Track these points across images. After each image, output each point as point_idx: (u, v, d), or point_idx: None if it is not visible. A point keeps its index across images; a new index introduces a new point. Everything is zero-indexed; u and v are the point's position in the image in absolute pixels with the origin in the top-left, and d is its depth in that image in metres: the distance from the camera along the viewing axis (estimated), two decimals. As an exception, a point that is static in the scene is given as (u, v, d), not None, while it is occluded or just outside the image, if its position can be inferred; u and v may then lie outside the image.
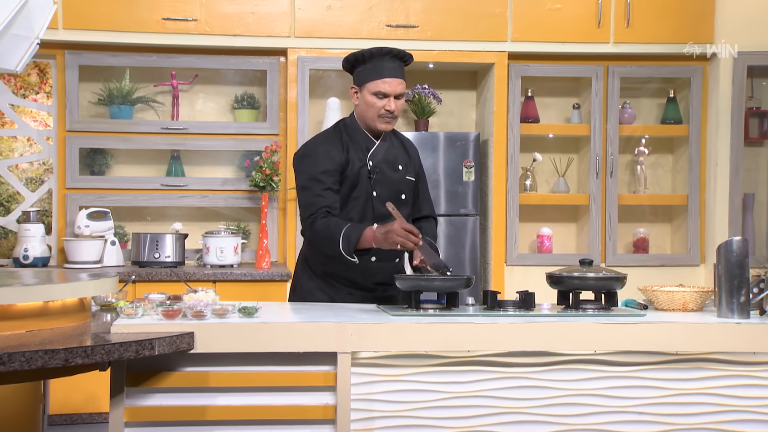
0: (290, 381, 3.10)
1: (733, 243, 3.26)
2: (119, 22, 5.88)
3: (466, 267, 6.21)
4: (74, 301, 3.11)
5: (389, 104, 3.74)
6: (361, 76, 3.80)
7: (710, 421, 3.19)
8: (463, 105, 6.69)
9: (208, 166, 6.38)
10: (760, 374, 3.20)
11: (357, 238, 3.56)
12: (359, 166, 3.79)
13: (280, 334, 3.05)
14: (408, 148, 4.02)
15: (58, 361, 2.63)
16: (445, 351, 3.14)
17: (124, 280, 4.76)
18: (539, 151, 6.48)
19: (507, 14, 6.14)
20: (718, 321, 3.22)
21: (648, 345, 3.17)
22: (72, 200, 6.05)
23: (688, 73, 6.43)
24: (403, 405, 3.14)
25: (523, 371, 3.19)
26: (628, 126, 6.50)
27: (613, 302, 3.41)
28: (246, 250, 6.27)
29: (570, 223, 6.67)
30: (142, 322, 3.03)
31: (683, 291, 3.45)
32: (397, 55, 3.78)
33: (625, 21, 6.20)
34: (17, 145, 6.61)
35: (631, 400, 3.20)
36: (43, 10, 3.23)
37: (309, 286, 3.88)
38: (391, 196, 3.81)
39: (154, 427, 3.05)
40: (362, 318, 3.19)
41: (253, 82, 6.41)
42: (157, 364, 3.04)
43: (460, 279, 3.38)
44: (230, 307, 3.17)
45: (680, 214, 6.60)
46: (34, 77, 6.63)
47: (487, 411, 3.17)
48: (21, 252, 5.85)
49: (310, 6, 6.03)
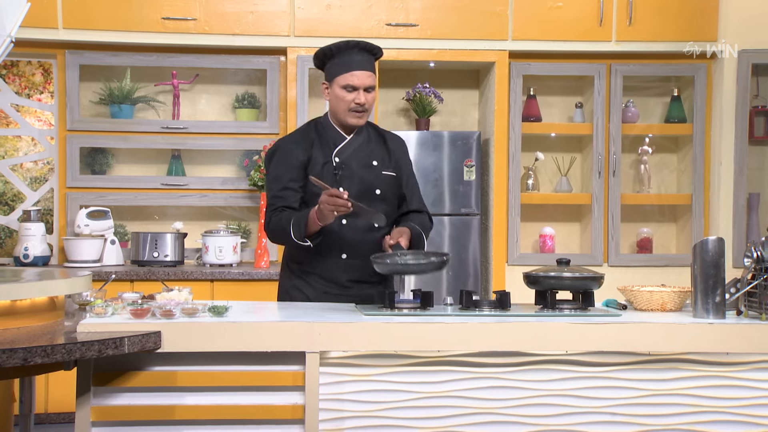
0: (259, 381, 3.08)
1: (708, 243, 3.21)
2: (119, 22, 5.90)
3: (469, 266, 6.18)
4: (44, 299, 3.11)
5: (359, 97, 3.72)
6: (331, 71, 3.78)
7: (683, 421, 3.15)
8: (465, 104, 6.66)
9: (209, 166, 6.40)
10: (734, 374, 3.15)
11: (304, 222, 3.58)
12: (323, 162, 3.77)
13: (247, 333, 3.04)
14: (389, 143, 3.95)
15: (16, 360, 2.63)
16: (415, 351, 3.12)
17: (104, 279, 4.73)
18: (542, 150, 6.43)
19: (508, 13, 6.11)
20: (693, 321, 3.17)
21: (621, 345, 3.13)
22: (73, 199, 6.08)
23: (692, 72, 6.36)
24: (373, 405, 3.12)
25: (495, 371, 3.16)
26: (632, 125, 6.44)
27: (590, 302, 3.37)
28: (246, 250, 6.28)
29: (573, 222, 6.62)
30: (111, 321, 3.03)
31: (661, 291, 3.41)
32: (365, 48, 3.77)
33: (627, 19, 6.15)
34: (21, 145, 6.64)
35: (604, 401, 3.16)
36: (15, 9, 3.23)
37: (287, 285, 3.88)
38: (361, 191, 3.75)
39: (121, 427, 3.05)
40: (333, 318, 3.17)
41: (253, 81, 6.42)
42: (125, 363, 3.04)
43: (433, 261, 3.36)
44: (201, 307, 3.16)
45: (685, 214, 6.54)
46: (38, 77, 6.66)
47: (458, 411, 3.14)
48: (21, 251, 5.88)
49: (310, 5, 6.03)
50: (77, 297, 3.53)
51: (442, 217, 6.17)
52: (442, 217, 6.17)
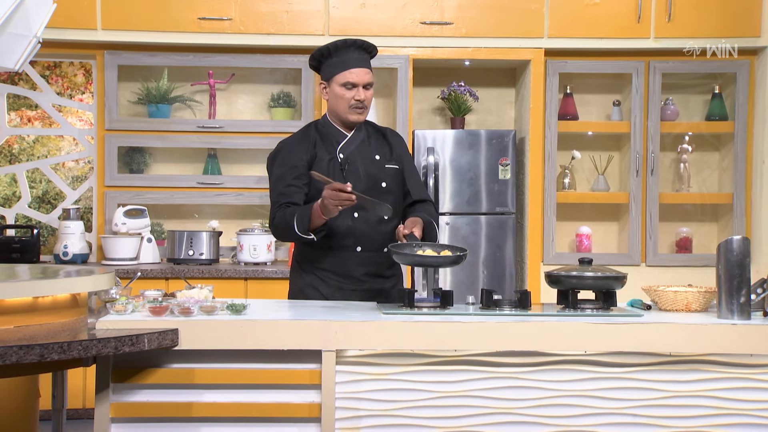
0: (276, 378, 3.10)
1: (733, 242, 3.16)
2: (156, 22, 5.95)
3: (505, 266, 6.15)
4: (66, 296, 3.15)
5: (359, 94, 3.77)
6: (328, 71, 3.83)
7: (705, 424, 3.10)
8: (502, 102, 6.62)
9: (244, 165, 6.43)
10: (757, 377, 3.10)
11: (308, 215, 3.60)
12: (329, 159, 3.81)
13: (264, 331, 3.05)
14: (388, 137, 4.00)
15: (33, 356, 2.67)
16: (432, 350, 3.11)
17: (129, 277, 4.78)
18: (579, 149, 6.38)
19: (543, 10, 6.06)
20: (716, 322, 3.12)
21: (641, 346, 3.09)
22: (111, 198, 6.15)
23: (733, 68, 6.26)
24: (390, 404, 3.12)
25: (513, 371, 3.14)
26: (671, 123, 6.35)
27: (612, 302, 3.34)
28: (281, 248, 6.31)
29: (611, 222, 6.55)
30: (130, 318, 3.06)
31: (686, 291, 3.36)
32: (361, 46, 3.82)
33: (666, 15, 6.06)
34: (64, 144, 6.75)
35: (624, 402, 3.12)
36: (41, 10, 3.28)
37: (300, 283, 3.89)
38: (368, 185, 3.79)
39: (140, 423, 3.08)
40: (350, 316, 3.17)
41: (288, 80, 6.44)
42: (143, 360, 3.07)
43: (448, 256, 3.36)
44: (219, 305, 3.18)
45: (726, 213, 6.44)
46: (80, 77, 6.76)
47: (475, 411, 3.13)
48: (61, 249, 5.97)
49: (344, 4, 6.03)
50: (103, 294, 3.57)
51: (478, 216, 6.14)
52: (479, 216, 6.14)
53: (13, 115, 6.76)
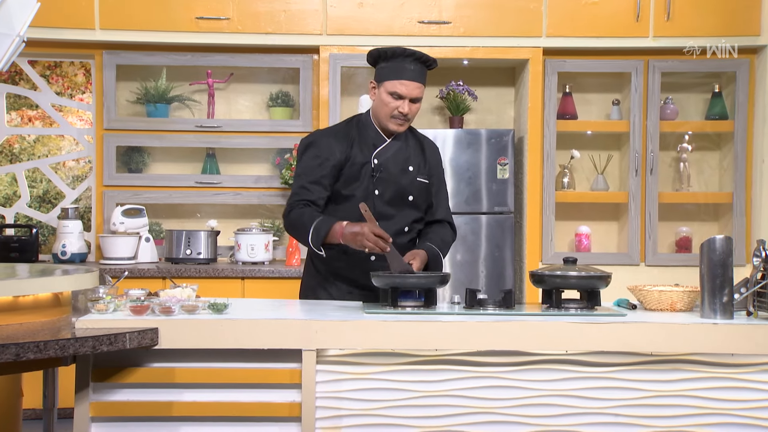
0: (256, 378, 3.10)
1: (716, 241, 3.14)
2: (154, 22, 5.96)
3: (505, 265, 6.13)
4: (48, 296, 3.16)
5: (403, 106, 3.71)
6: (381, 73, 3.76)
7: (687, 423, 3.09)
8: (501, 102, 6.61)
9: (243, 164, 6.43)
10: (739, 376, 3.08)
11: (326, 232, 3.56)
12: (362, 163, 3.77)
13: (244, 330, 3.05)
14: (426, 150, 3.95)
15: (8, 356, 2.67)
16: (413, 349, 3.10)
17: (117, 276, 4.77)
18: (578, 148, 6.36)
19: (542, 9, 6.04)
20: (698, 321, 3.10)
21: (623, 345, 3.08)
22: (109, 197, 6.16)
23: (733, 67, 6.23)
24: (371, 403, 3.11)
25: (495, 371, 3.13)
26: (671, 122, 6.32)
27: (596, 301, 3.32)
28: (278, 248, 6.31)
29: (610, 221, 6.53)
30: (110, 318, 3.06)
31: (671, 291, 3.34)
32: (419, 59, 3.74)
33: (665, 14, 6.04)
34: (64, 144, 6.77)
35: (606, 402, 3.11)
36: (24, 9, 3.28)
37: (311, 283, 3.89)
38: (395, 196, 3.78)
39: (120, 423, 3.08)
40: (331, 315, 3.17)
41: (287, 80, 6.44)
42: (124, 359, 3.07)
43: (435, 276, 3.34)
44: (201, 304, 3.18)
45: (726, 213, 6.40)
46: (80, 77, 6.78)
47: (457, 411, 3.12)
48: (59, 248, 5.99)
49: (342, 3, 6.03)
50: (91, 293, 3.58)
51: (477, 215, 6.13)
52: (477, 216, 6.13)
53: (14, 114, 6.78)
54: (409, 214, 3.83)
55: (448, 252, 3.98)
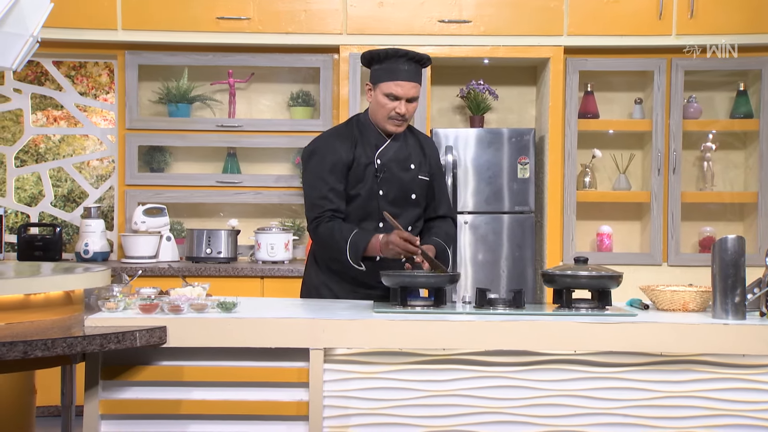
0: (264, 376, 3.10)
1: (727, 241, 3.11)
2: (175, 22, 5.99)
3: (526, 265, 6.10)
4: (59, 294, 3.18)
5: (400, 107, 3.71)
6: (376, 75, 3.78)
7: (696, 425, 3.06)
8: (522, 101, 6.58)
9: (263, 163, 6.45)
10: (750, 377, 3.04)
11: (364, 247, 3.59)
12: (366, 164, 3.77)
13: (252, 329, 3.06)
14: (425, 147, 3.97)
15: (16, 353, 2.69)
16: (421, 349, 3.10)
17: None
18: (600, 148, 6.31)
19: (563, 7, 6.00)
20: (709, 322, 3.07)
21: (632, 346, 3.06)
22: (131, 197, 6.20)
23: (758, 65, 6.16)
24: (379, 403, 3.11)
25: (504, 370, 3.11)
26: (694, 121, 6.26)
27: (607, 301, 3.30)
28: (299, 247, 6.33)
29: (633, 221, 6.48)
30: (119, 316, 3.08)
31: (683, 291, 3.31)
32: (413, 59, 3.74)
33: (688, 12, 5.98)
34: (89, 144, 6.82)
35: (615, 402, 3.09)
36: (38, 9, 3.31)
37: (315, 282, 3.89)
38: (398, 195, 3.79)
39: (129, 420, 3.10)
40: (339, 314, 3.17)
41: (307, 79, 6.45)
42: (133, 357, 3.09)
43: (444, 276, 3.33)
44: (210, 303, 3.19)
45: (752, 213, 6.33)
46: (104, 77, 6.83)
47: (465, 410, 3.11)
48: (82, 247, 6.04)
49: (362, 3, 6.03)
50: (104, 292, 3.60)
51: (498, 215, 6.11)
52: (498, 215, 6.11)
53: (39, 114, 6.84)
54: (412, 213, 3.84)
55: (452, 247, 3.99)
